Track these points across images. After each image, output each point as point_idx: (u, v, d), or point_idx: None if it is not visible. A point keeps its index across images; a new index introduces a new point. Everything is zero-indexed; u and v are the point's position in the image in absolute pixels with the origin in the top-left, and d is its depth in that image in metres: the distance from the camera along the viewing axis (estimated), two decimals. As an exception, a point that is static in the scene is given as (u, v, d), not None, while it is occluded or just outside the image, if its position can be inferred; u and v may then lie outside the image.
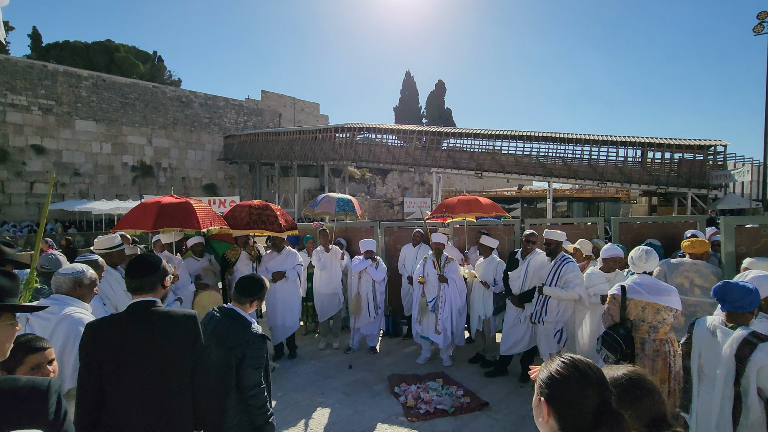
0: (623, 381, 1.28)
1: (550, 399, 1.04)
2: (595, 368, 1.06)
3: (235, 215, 5.11)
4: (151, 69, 35.90)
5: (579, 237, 5.50)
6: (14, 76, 22.92)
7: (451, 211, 5.64)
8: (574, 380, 1.02)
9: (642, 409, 1.25)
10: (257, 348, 2.25)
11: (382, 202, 28.89)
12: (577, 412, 1.00)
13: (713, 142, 18.85)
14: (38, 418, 1.16)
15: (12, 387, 1.18)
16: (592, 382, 1.02)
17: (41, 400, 1.19)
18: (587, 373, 1.03)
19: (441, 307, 5.06)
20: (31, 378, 1.24)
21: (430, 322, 5.09)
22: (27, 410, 1.16)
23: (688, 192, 18.65)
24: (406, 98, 46.37)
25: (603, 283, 3.91)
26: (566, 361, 1.07)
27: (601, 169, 20.37)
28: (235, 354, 2.22)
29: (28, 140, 23.36)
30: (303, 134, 27.81)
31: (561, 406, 1.02)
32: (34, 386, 1.20)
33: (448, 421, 3.79)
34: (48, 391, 1.21)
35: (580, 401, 1.01)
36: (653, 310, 2.80)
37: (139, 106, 27.61)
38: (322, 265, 5.81)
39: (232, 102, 32.63)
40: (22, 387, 1.18)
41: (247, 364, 2.21)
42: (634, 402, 1.25)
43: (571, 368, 1.04)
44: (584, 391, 1.01)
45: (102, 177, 25.97)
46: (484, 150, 22.82)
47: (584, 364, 1.05)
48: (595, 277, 3.99)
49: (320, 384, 4.63)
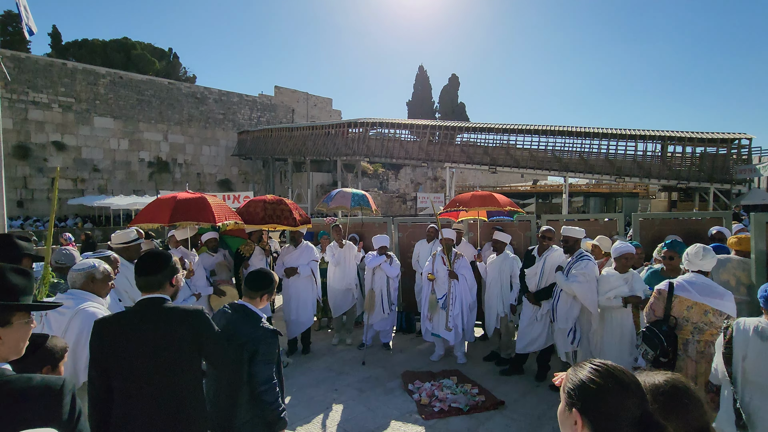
0: (667, 388, 1.15)
1: (585, 411, 0.95)
2: (631, 376, 0.97)
3: (249, 210, 5.11)
4: (167, 66, 36.34)
5: (598, 234, 5.36)
6: (35, 75, 23.44)
7: (466, 205, 5.53)
8: (612, 390, 0.94)
9: (689, 420, 1.12)
10: (269, 343, 2.23)
11: (395, 197, 28.81)
12: (616, 425, 0.92)
13: (737, 135, 18.25)
14: (52, 418, 1.15)
15: (26, 386, 1.17)
16: (632, 392, 0.94)
17: (55, 399, 1.18)
18: (625, 381, 0.95)
19: (452, 304, 5.00)
20: (45, 377, 1.23)
21: (441, 318, 5.03)
22: (41, 410, 1.16)
23: (710, 187, 18.12)
24: (419, 93, 46.03)
25: (621, 286, 3.71)
26: (600, 368, 0.98)
27: (618, 164, 19.91)
28: (247, 349, 2.20)
29: (49, 137, 23.90)
30: (316, 129, 27.84)
31: (598, 419, 0.93)
32: (48, 385, 1.19)
33: (462, 419, 3.74)
34: (62, 390, 1.20)
35: (620, 413, 0.92)
36: (700, 311, 2.69)
37: (155, 103, 27.99)
38: (336, 261, 5.79)
39: (246, 98, 32.84)
40: (35, 386, 1.17)
41: (259, 359, 2.19)
42: (680, 411, 1.12)
43: (606, 377, 0.95)
44: (624, 402, 0.93)
45: (120, 173, 26.45)
46: (498, 144, 22.50)
47: (620, 372, 0.97)
48: (613, 280, 3.77)
49: (333, 380, 4.62)
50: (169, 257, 2.11)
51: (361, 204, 6.04)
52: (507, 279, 5.03)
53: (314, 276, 5.57)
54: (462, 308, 5.05)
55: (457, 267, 5.09)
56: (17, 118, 22.83)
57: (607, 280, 3.82)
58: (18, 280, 1.27)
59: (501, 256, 5.10)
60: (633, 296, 3.64)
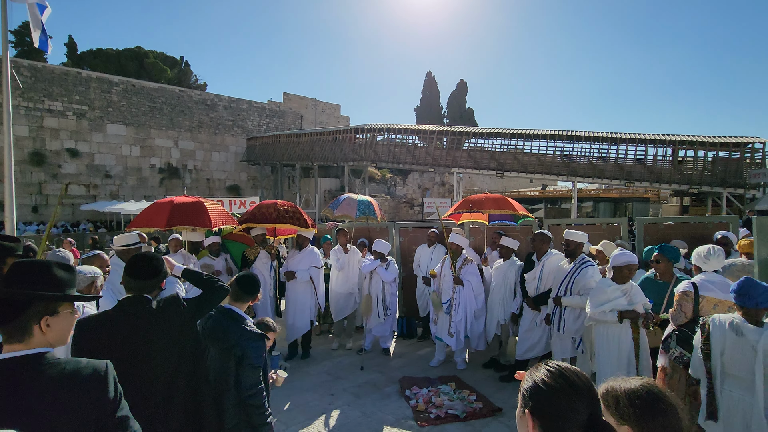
0: (643, 393, 1.14)
1: (536, 411, 0.94)
2: (584, 378, 0.96)
3: (262, 211, 5.15)
4: (179, 74, 37.00)
5: (602, 238, 5.28)
6: (51, 83, 24.05)
7: (479, 207, 5.45)
8: (561, 391, 0.93)
9: (665, 425, 1.12)
10: (256, 347, 2.22)
11: (402, 202, 28.79)
12: (565, 426, 0.91)
13: (751, 139, 17.90)
14: (101, 397, 1.26)
15: (76, 368, 1.27)
16: (582, 393, 0.93)
17: (103, 380, 1.28)
18: (575, 383, 0.94)
19: (455, 310, 4.94)
20: (91, 360, 1.33)
21: (444, 323, 4.99)
22: (91, 389, 1.25)
23: (723, 192, 17.76)
24: (427, 98, 46.12)
25: (619, 298, 3.32)
26: (552, 369, 0.97)
27: (628, 168, 19.64)
28: (234, 353, 2.20)
29: (63, 144, 24.44)
30: (323, 135, 28.03)
31: (547, 420, 0.92)
32: (96, 368, 1.29)
33: (458, 426, 3.68)
34: (107, 371, 1.31)
35: (569, 414, 0.91)
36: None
37: (167, 110, 28.48)
38: (340, 266, 5.79)
39: (255, 104, 33.24)
40: (85, 368, 1.28)
41: (246, 363, 2.19)
42: (656, 416, 1.11)
43: (558, 377, 0.94)
44: (573, 404, 0.92)
45: (131, 179, 26.91)
46: (506, 150, 22.38)
47: (572, 373, 0.96)
48: (610, 291, 3.36)
49: (330, 385, 4.60)
50: (163, 262, 2.15)
51: (367, 213, 5.99)
52: (511, 286, 4.95)
53: (313, 282, 5.54)
54: (466, 314, 4.98)
55: (464, 273, 5.00)
56: (33, 126, 23.40)
57: (603, 290, 3.41)
58: (63, 274, 1.39)
59: (508, 262, 5.02)
60: (630, 311, 3.26)
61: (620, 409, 1.14)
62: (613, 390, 1.19)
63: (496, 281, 5.07)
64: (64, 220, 23.91)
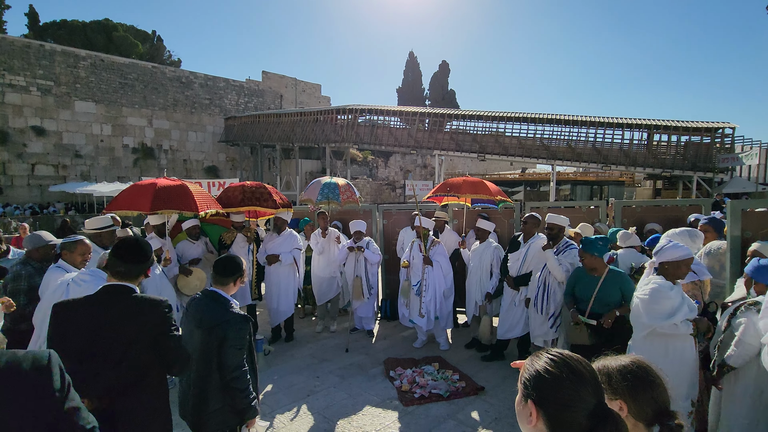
0: (634, 368, 1.23)
1: (540, 401, 0.93)
2: (587, 365, 0.96)
3: (228, 195, 5.03)
4: (150, 49, 35.38)
5: (581, 221, 5.39)
6: (11, 56, 22.63)
7: (456, 191, 5.41)
8: (567, 380, 0.92)
9: (654, 396, 1.20)
10: (239, 328, 2.18)
11: (384, 184, 28.72)
12: (571, 415, 0.90)
13: (721, 124, 18.50)
14: (45, 391, 1.17)
15: (13, 360, 1.16)
16: (587, 382, 0.92)
17: (45, 371, 1.18)
18: (580, 371, 0.93)
19: (425, 290, 5.00)
20: (31, 351, 1.23)
21: (415, 305, 5.04)
22: (32, 382, 1.16)
23: (693, 175, 18.39)
24: (409, 80, 45.65)
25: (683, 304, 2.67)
26: (556, 358, 0.96)
27: (605, 152, 20.08)
28: (216, 335, 2.16)
29: (27, 121, 23.21)
30: (304, 116, 27.48)
31: (553, 409, 0.91)
32: (36, 358, 1.19)
33: (442, 405, 3.76)
34: (50, 362, 1.20)
35: (576, 403, 0.90)
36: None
37: (139, 87, 27.29)
38: (321, 249, 5.74)
39: (233, 83, 32.20)
40: (22, 359, 1.17)
41: (228, 344, 2.15)
42: (647, 388, 1.20)
43: (562, 366, 0.93)
44: (579, 393, 0.91)
45: (103, 159, 25.88)
46: (487, 132, 22.50)
47: (576, 361, 0.95)
48: (675, 296, 2.66)
49: (316, 367, 4.62)
50: (151, 248, 2.11)
51: (330, 197, 5.39)
52: (487, 267, 5.02)
53: (297, 264, 5.51)
54: (435, 295, 5.04)
55: (432, 253, 5.07)
56: (-7, 102, 22.09)
57: (666, 296, 2.65)
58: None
59: (483, 244, 5.09)
60: (700, 319, 2.74)
61: (613, 385, 1.21)
62: (605, 368, 1.25)
63: (473, 263, 5.13)
64: (32, 201, 22.91)
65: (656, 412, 1.18)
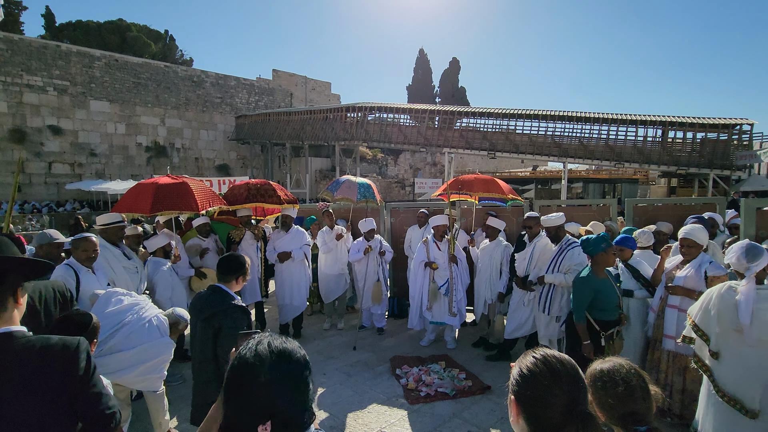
0: (623, 373, 1.25)
1: (518, 397, 0.98)
2: (568, 364, 0.98)
3: (234, 193, 5.08)
4: (163, 48, 35.81)
5: (592, 219, 5.32)
6: (29, 57, 23.11)
7: (469, 189, 5.37)
8: (542, 377, 0.96)
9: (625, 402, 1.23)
10: (235, 318, 2.21)
11: (393, 182, 28.69)
12: (545, 412, 0.93)
13: (739, 120, 18.03)
14: (70, 373, 1.28)
15: (46, 344, 1.28)
16: (561, 380, 0.95)
17: (72, 355, 1.29)
18: (556, 369, 0.96)
19: (455, 289, 4.98)
20: (63, 337, 1.33)
21: (442, 306, 5.00)
22: (60, 365, 1.27)
23: (710, 173, 17.99)
24: (419, 77, 45.42)
25: None
26: (537, 356, 1.00)
27: (619, 149, 19.74)
28: (212, 324, 2.19)
29: (44, 121, 23.69)
30: (314, 114, 27.56)
31: (529, 405, 0.96)
32: (66, 344, 1.30)
33: (448, 404, 3.76)
34: (78, 348, 1.31)
35: (547, 399, 0.93)
36: None
37: (152, 86, 27.66)
38: (328, 248, 5.77)
39: (244, 81, 32.44)
40: (54, 344, 1.29)
41: (224, 333, 2.18)
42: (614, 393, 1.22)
43: (540, 364, 0.98)
44: (551, 389, 0.94)
45: (117, 157, 26.32)
46: (497, 130, 22.28)
47: (556, 360, 0.98)
48: None
49: (322, 364, 4.64)
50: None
51: (367, 196, 5.74)
52: (497, 266, 5.00)
53: (307, 259, 5.57)
54: (463, 292, 5.09)
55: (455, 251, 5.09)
56: (12, 102, 22.61)
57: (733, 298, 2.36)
58: None
59: (494, 242, 5.06)
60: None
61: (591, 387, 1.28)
62: (595, 370, 1.33)
63: (483, 262, 5.10)
64: (48, 199, 23.41)
65: (621, 416, 1.20)
